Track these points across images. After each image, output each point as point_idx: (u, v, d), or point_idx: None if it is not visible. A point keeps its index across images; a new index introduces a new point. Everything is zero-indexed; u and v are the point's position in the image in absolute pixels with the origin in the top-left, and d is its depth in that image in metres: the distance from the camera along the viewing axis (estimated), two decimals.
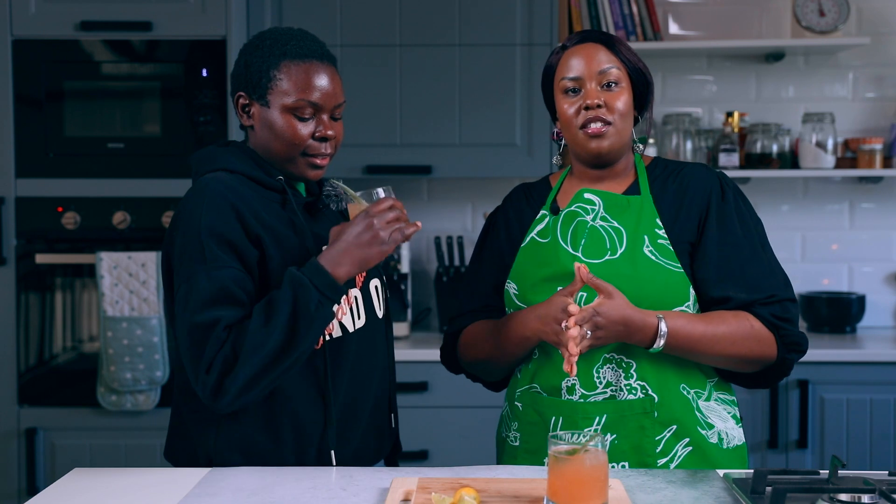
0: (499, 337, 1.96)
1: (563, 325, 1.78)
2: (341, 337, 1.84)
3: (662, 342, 1.82)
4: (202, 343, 1.70)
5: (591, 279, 1.80)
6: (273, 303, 1.69)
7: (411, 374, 3.27)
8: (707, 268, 1.89)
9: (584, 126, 1.91)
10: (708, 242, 1.90)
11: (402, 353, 3.24)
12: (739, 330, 1.86)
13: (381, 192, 1.80)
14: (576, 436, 1.55)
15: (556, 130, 2.02)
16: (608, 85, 1.91)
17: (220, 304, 1.71)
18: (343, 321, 1.84)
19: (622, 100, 1.91)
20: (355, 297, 1.87)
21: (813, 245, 3.81)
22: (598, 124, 1.90)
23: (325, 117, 1.85)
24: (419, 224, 1.77)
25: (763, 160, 3.59)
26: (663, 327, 1.81)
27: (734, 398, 1.98)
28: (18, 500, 3.26)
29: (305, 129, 1.83)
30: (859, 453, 3.29)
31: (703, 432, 1.89)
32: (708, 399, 1.92)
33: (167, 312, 1.89)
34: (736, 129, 3.60)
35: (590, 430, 1.86)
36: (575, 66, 1.92)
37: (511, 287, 1.97)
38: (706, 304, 1.91)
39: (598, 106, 1.89)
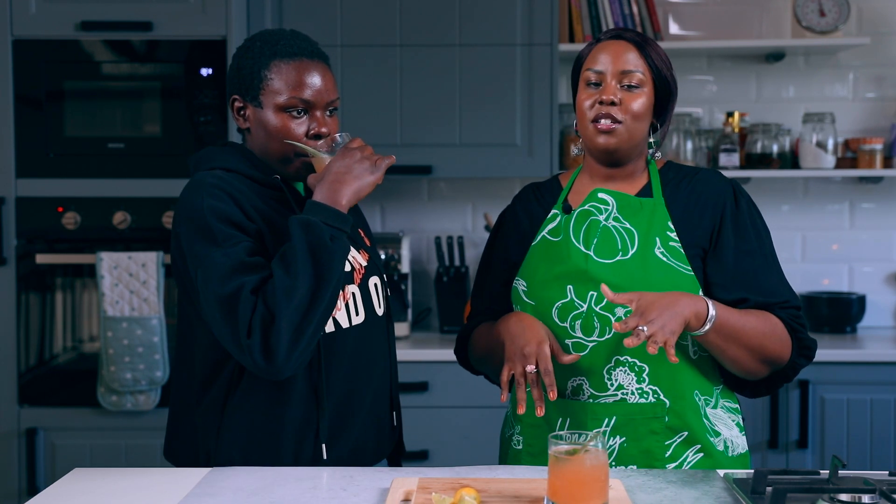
0: (489, 332, 1.98)
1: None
2: (336, 332, 1.84)
3: (710, 325, 1.79)
4: (234, 310, 1.68)
5: (615, 298, 1.77)
6: (288, 251, 1.69)
7: (411, 374, 3.27)
8: (723, 272, 1.89)
9: (595, 120, 1.91)
10: (724, 248, 1.90)
11: (402, 353, 3.24)
12: (766, 325, 1.85)
13: (340, 138, 1.83)
14: (576, 436, 1.55)
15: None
16: (629, 86, 1.91)
17: (240, 273, 1.70)
18: (337, 317, 1.84)
19: (638, 102, 1.90)
20: (352, 294, 1.87)
21: (813, 245, 3.81)
22: (608, 121, 1.90)
23: (318, 114, 1.85)
24: (393, 157, 1.82)
25: (763, 160, 3.59)
26: (712, 310, 1.79)
27: (738, 406, 1.98)
28: (18, 500, 3.26)
29: (299, 127, 1.84)
30: (859, 453, 3.29)
31: (712, 439, 1.89)
32: (715, 406, 1.92)
33: (188, 312, 1.88)
34: (736, 129, 3.60)
35: (598, 432, 1.85)
36: (601, 59, 1.92)
37: (520, 284, 1.97)
38: None
39: (612, 103, 1.89)
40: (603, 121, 1.90)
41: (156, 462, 3.20)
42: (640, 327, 1.72)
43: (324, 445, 1.83)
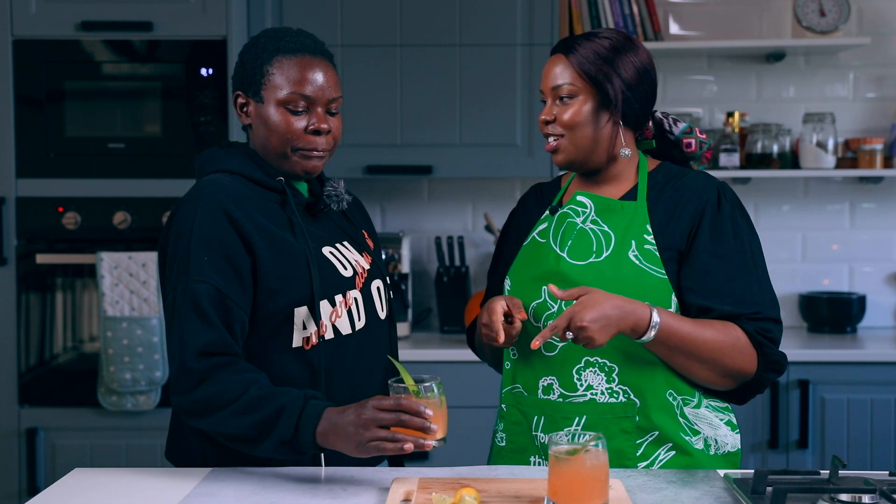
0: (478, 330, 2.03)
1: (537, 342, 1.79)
2: (338, 339, 1.84)
3: (654, 333, 1.78)
4: (171, 360, 1.76)
5: (562, 294, 1.79)
6: (262, 402, 1.68)
7: (411, 373, 3.26)
8: (693, 276, 1.87)
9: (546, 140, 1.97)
10: (697, 251, 1.88)
11: (402, 353, 3.21)
12: (726, 338, 1.83)
13: (425, 386, 1.70)
14: (576, 436, 1.55)
15: None
16: (561, 99, 1.92)
17: (190, 322, 1.73)
18: (337, 324, 1.84)
19: (569, 112, 1.90)
20: (355, 299, 1.87)
21: (813, 245, 3.81)
22: (551, 139, 1.93)
23: (319, 111, 1.85)
24: (413, 446, 1.61)
25: (764, 160, 3.59)
26: (656, 317, 1.78)
27: (728, 405, 1.96)
28: (19, 500, 3.26)
29: (299, 122, 1.84)
30: (860, 453, 3.29)
31: (687, 438, 1.88)
32: (697, 406, 1.90)
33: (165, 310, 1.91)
34: (736, 130, 3.60)
35: (569, 430, 1.86)
36: (543, 80, 1.96)
37: (507, 283, 2.00)
38: (689, 312, 1.88)
39: (547, 122, 1.93)
40: (548, 140, 1.95)
41: (156, 462, 3.20)
42: (567, 332, 1.75)
43: (322, 455, 1.82)
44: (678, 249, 1.89)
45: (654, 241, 1.88)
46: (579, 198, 1.96)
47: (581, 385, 1.88)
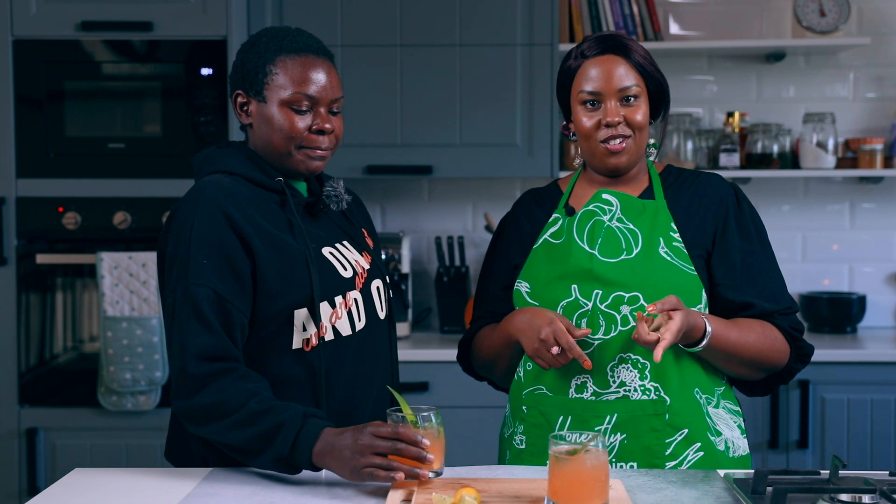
0: (493, 335, 2.00)
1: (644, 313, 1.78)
2: (338, 340, 1.83)
3: (706, 342, 1.83)
4: (172, 365, 1.76)
5: (658, 308, 1.77)
6: (262, 417, 1.68)
7: (411, 374, 3.27)
8: (731, 273, 1.92)
9: (604, 141, 1.92)
10: (731, 249, 1.93)
11: (402, 353, 3.20)
12: (765, 339, 1.89)
13: (423, 416, 1.69)
14: (579, 435, 1.55)
15: (565, 123, 2.02)
16: (626, 99, 1.91)
17: (189, 326, 1.73)
18: (337, 325, 1.83)
19: (640, 113, 1.92)
20: (354, 300, 1.87)
21: (813, 245, 3.81)
22: (618, 140, 1.91)
23: (322, 110, 1.85)
24: (404, 476, 1.60)
25: (764, 160, 3.59)
26: (709, 327, 1.83)
27: (739, 409, 1.99)
28: (19, 500, 3.26)
29: (302, 122, 1.83)
30: (860, 453, 3.29)
31: (713, 438, 1.90)
32: (717, 406, 1.93)
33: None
34: (737, 130, 3.60)
35: (599, 429, 1.87)
36: (594, 79, 1.92)
37: (523, 286, 1.97)
38: (726, 307, 1.93)
39: (619, 123, 1.91)
40: (613, 142, 1.92)
41: (156, 462, 3.20)
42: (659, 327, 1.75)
43: None
44: (705, 248, 1.94)
45: (680, 240, 1.92)
46: (605, 196, 1.96)
47: (614, 382, 1.88)
